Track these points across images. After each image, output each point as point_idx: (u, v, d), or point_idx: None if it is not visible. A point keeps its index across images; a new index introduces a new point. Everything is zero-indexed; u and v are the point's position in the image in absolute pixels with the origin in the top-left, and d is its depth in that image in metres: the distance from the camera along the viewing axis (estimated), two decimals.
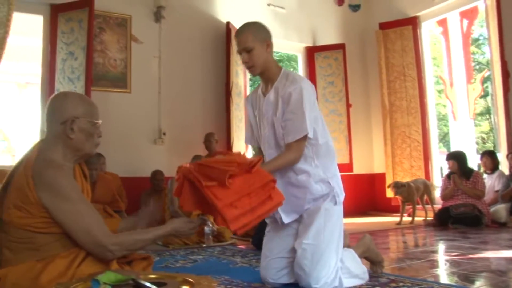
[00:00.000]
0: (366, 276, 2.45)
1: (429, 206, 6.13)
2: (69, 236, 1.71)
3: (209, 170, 1.90)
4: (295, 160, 2.33)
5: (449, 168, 5.58)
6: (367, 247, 2.59)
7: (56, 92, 5.41)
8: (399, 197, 5.82)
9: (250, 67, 2.42)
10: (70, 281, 1.50)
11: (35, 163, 1.71)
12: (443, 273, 2.81)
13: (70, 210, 1.68)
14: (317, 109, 2.40)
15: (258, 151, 2.62)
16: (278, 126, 2.37)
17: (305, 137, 2.30)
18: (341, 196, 2.43)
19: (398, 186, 5.70)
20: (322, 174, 2.38)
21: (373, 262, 2.62)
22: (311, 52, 7.56)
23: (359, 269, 2.43)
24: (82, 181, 1.87)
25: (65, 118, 1.78)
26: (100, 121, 1.87)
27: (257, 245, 3.66)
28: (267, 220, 2.53)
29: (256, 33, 2.40)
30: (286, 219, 2.41)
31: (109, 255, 1.71)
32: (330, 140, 2.47)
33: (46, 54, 5.59)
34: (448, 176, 5.57)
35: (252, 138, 2.62)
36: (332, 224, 2.34)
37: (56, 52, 5.52)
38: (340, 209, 2.43)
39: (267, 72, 2.45)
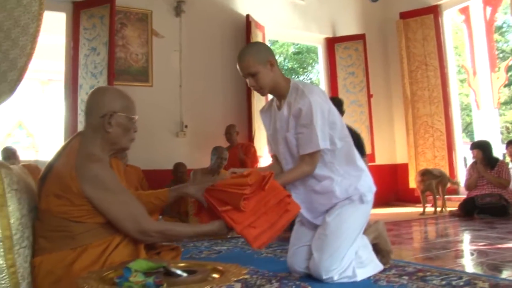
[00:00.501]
0: (379, 264, 2.45)
1: (446, 196, 6.04)
2: (103, 226, 1.75)
3: (222, 194, 1.90)
4: (309, 172, 2.33)
5: (473, 157, 5.50)
6: (378, 233, 2.57)
7: (79, 87, 5.52)
8: (419, 187, 5.77)
9: (258, 90, 2.40)
10: (102, 270, 1.53)
11: (77, 156, 1.76)
12: (471, 263, 2.79)
13: (115, 200, 1.73)
14: (334, 115, 2.36)
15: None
16: (291, 141, 2.36)
17: (318, 150, 2.29)
18: (369, 195, 2.40)
19: (427, 173, 5.65)
20: (345, 179, 2.37)
21: (381, 251, 2.56)
22: (331, 43, 7.50)
23: (371, 257, 2.43)
24: (119, 173, 1.92)
25: (104, 112, 1.82)
26: (137, 117, 1.91)
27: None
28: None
29: (256, 55, 2.34)
30: (317, 222, 2.43)
31: (149, 239, 1.80)
32: (350, 141, 2.44)
33: (69, 50, 5.68)
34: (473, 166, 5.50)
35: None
36: (353, 221, 2.34)
37: (79, 48, 5.62)
38: (366, 207, 2.40)
39: (276, 89, 2.42)
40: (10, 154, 5.24)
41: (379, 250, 2.55)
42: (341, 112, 4.20)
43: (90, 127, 1.85)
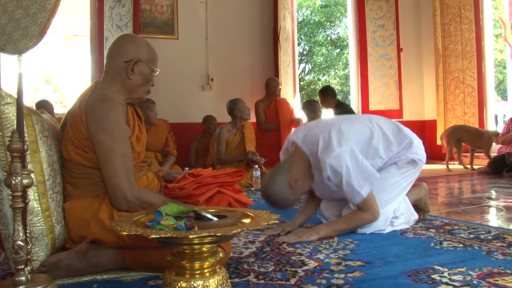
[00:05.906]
0: (412, 223, 2.45)
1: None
2: None
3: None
4: (373, 218, 2.24)
5: None
6: (420, 197, 2.58)
7: (105, 40, 5.51)
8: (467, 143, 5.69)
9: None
10: (132, 214, 1.55)
11: (89, 99, 1.76)
12: (499, 218, 2.75)
13: (109, 146, 1.70)
14: (357, 133, 2.29)
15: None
16: (336, 195, 2.32)
17: (370, 195, 2.20)
18: (424, 160, 2.42)
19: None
20: (394, 156, 2.38)
21: (419, 210, 2.58)
22: None
23: (408, 217, 2.42)
24: (135, 121, 1.89)
25: (130, 58, 1.80)
26: (158, 70, 1.88)
27: None
28: None
29: (281, 196, 2.19)
30: None
31: (123, 204, 1.72)
32: (387, 129, 2.37)
33: (94, 3, 5.64)
34: None
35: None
36: (395, 181, 2.35)
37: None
38: (413, 170, 2.41)
39: (310, 174, 2.32)
40: (42, 105, 5.32)
41: (417, 209, 2.56)
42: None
43: (111, 70, 1.84)
